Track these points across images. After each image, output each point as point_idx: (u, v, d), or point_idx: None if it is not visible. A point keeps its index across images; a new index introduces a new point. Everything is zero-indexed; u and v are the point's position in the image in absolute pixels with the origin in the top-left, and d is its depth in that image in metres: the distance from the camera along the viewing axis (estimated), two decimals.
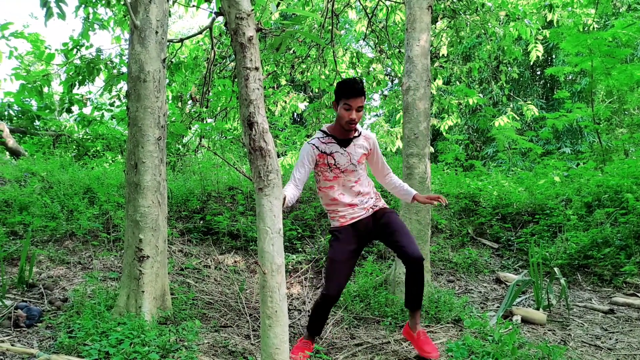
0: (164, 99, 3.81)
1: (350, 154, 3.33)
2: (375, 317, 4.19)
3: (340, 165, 3.32)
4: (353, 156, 3.33)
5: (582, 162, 9.70)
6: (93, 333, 3.12)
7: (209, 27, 5.53)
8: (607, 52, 9.08)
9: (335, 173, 3.34)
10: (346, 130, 3.28)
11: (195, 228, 5.97)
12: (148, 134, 3.67)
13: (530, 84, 16.24)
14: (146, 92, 3.67)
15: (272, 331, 2.30)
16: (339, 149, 3.32)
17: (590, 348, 3.65)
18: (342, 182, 3.35)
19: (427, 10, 4.65)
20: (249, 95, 2.27)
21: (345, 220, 3.35)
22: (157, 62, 3.73)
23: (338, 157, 3.32)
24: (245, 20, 2.26)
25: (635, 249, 5.58)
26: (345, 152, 3.32)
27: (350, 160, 3.33)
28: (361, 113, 3.22)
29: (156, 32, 3.73)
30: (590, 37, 8.79)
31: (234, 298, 4.58)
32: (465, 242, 6.57)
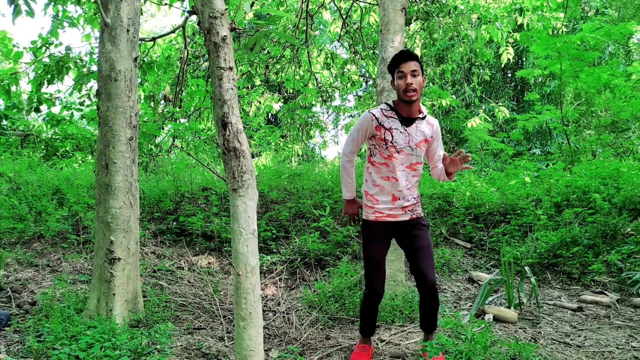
0: (135, 98, 3.76)
1: (410, 135, 3.05)
2: (350, 317, 4.19)
3: (397, 145, 3.04)
4: (413, 138, 3.06)
5: (551, 163, 9.89)
6: (62, 337, 3.05)
7: (182, 26, 5.47)
8: (576, 55, 9.28)
9: (390, 152, 3.05)
10: (406, 101, 2.96)
11: (168, 229, 5.90)
12: (119, 133, 3.62)
13: (502, 86, 16.50)
14: (117, 92, 3.62)
15: (247, 333, 2.28)
16: (399, 126, 3.04)
17: (560, 345, 3.72)
18: (395, 165, 3.07)
19: (400, 12, 4.68)
20: (222, 95, 2.25)
21: (381, 216, 3.14)
22: (128, 61, 3.68)
23: (396, 135, 3.04)
24: (219, 19, 2.24)
25: (603, 247, 5.71)
26: (406, 131, 3.05)
27: (409, 141, 3.05)
28: (420, 79, 2.95)
29: (127, 31, 3.68)
30: (559, 40, 8.97)
31: (207, 300, 4.53)
32: (439, 242, 6.63)
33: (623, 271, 5.29)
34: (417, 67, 2.93)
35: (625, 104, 9.56)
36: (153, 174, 7.87)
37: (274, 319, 4.29)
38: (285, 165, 8.75)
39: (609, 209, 6.14)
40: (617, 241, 5.73)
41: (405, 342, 3.68)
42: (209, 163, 7.70)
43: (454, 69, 11.70)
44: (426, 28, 8.45)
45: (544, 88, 14.69)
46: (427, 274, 3.08)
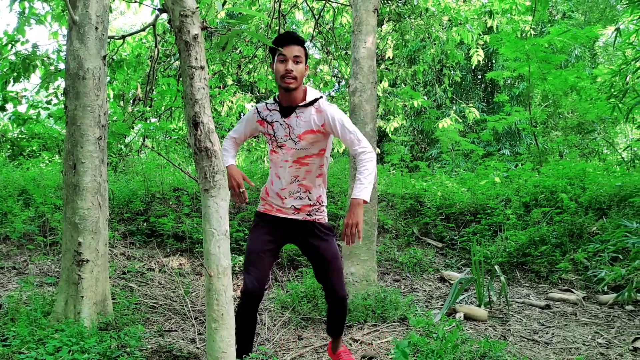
0: (104, 97, 3.69)
1: (290, 127, 2.75)
2: (323, 317, 4.20)
3: (278, 139, 2.79)
4: (293, 129, 2.75)
5: (520, 164, 10.07)
6: (29, 341, 2.98)
7: (153, 24, 5.40)
8: (544, 57, 9.47)
9: (273, 147, 2.83)
10: (284, 88, 2.68)
11: (138, 230, 5.82)
12: (87, 133, 3.55)
13: (472, 87, 16.72)
14: (85, 90, 3.55)
15: (218, 335, 2.26)
16: (279, 119, 2.79)
17: (529, 342, 3.78)
18: (278, 161, 2.83)
19: (373, 13, 4.70)
20: (194, 95, 2.23)
21: (270, 209, 2.89)
22: (97, 59, 3.61)
23: (277, 128, 2.79)
24: (190, 17, 2.21)
25: (570, 246, 5.84)
26: (284, 122, 2.77)
27: (289, 134, 2.76)
28: (302, 67, 2.69)
29: (96, 28, 3.61)
30: (527, 43, 9.15)
31: (179, 301, 4.48)
32: (411, 241, 6.69)
33: (589, 269, 5.41)
34: (300, 53, 2.68)
35: (590, 106, 9.81)
36: (123, 174, 7.75)
37: None
38: (257, 165, 8.71)
39: (576, 209, 6.28)
40: (583, 240, 5.87)
41: (378, 341, 3.70)
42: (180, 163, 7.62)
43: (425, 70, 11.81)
44: (398, 29, 8.51)
45: (513, 90, 14.95)
46: (336, 285, 2.87)
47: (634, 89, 5.71)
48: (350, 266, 4.51)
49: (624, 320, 4.37)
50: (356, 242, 2.67)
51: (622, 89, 5.69)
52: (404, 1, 8.57)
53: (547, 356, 3.48)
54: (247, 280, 2.70)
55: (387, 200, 7.44)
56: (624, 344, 3.70)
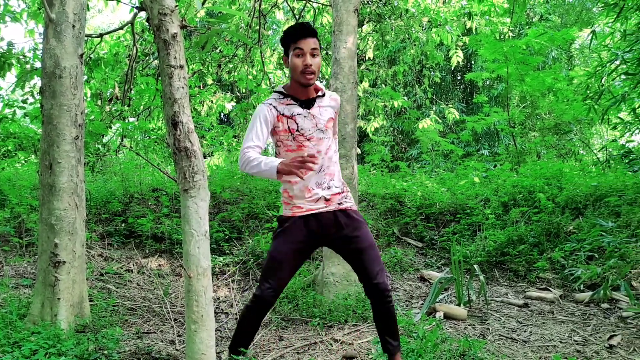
0: (81, 96, 3.64)
1: (315, 117, 2.65)
2: (304, 317, 4.19)
3: (305, 131, 2.62)
4: (319, 119, 2.65)
5: (499, 164, 10.19)
6: (4, 344, 2.92)
7: (131, 22, 5.35)
8: (521, 59, 9.60)
9: (300, 141, 2.62)
10: (304, 84, 2.58)
11: (116, 231, 5.75)
12: (64, 132, 3.50)
13: (452, 88, 16.86)
14: (62, 89, 3.49)
15: (198, 336, 2.25)
16: (301, 111, 2.64)
17: (507, 341, 3.82)
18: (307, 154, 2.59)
19: (353, 13, 4.71)
20: (173, 94, 2.21)
21: (300, 210, 2.64)
22: (74, 58, 3.56)
23: (301, 121, 2.63)
24: (169, 16, 2.19)
25: (547, 245, 5.92)
26: (309, 114, 2.64)
27: (316, 124, 2.64)
28: (318, 60, 2.58)
29: (73, 26, 3.56)
30: (506, 44, 9.26)
31: (157, 303, 4.44)
32: (391, 241, 6.71)
33: (566, 268, 5.49)
34: (317, 46, 2.56)
35: (567, 107, 9.96)
36: (100, 175, 7.65)
37: (227, 321, 4.24)
38: (238, 165, 8.66)
39: (553, 208, 6.38)
40: (560, 239, 5.95)
41: (359, 341, 3.71)
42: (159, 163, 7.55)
43: (405, 71, 11.89)
44: (378, 30, 8.55)
45: (492, 91, 15.11)
46: (379, 276, 2.64)
47: (609, 91, 5.81)
48: (331, 266, 4.51)
49: (600, 318, 4.44)
50: None
51: (598, 90, 5.79)
52: (384, 2, 8.61)
53: (525, 354, 3.52)
54: (263, 287, 2.56)
55: (367, 201, 7.47)
56: (599, 342, 3.76)
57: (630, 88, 5.31)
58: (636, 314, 4.43)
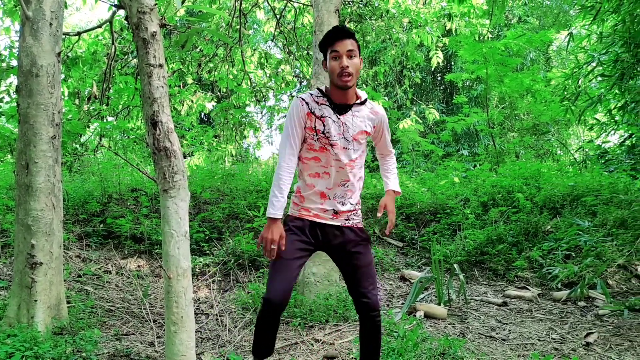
0: (58, 95, 3.59)
1: (345, 125, 2.56)
2: (285, 318, 4.18)
3: (331, 135, 2.54)
4: (348, 129, 2.56)
5: (478, 164, 10.29)
6: None
7: (109, 20, 5.28)
8: (500, 60, 9.71)
9: (322, 143, 2.55)
10: (341, 87, 2.51)
11: (94, 232, 5.67)
12: (41, 132, 3.44)
13: (432, 88, 16.97)
14: (39, 88, 3.44)
15: (178, 337, 2.23)
16: (331, 115, 2.55)
17: (487, 339, 3.86)
18: (327, 159, 2.56)
19: (334, 13, 4.71)
20: (152, 93, 2.19)
21: (307, 214, 2.60)
22: (51, 56, 3.50)
23: (329, 124, 2.54)
24: (148, 14, 2.17)
25: (525, 245, 5.99)
26: (339, 120, 2.55)
27: (343, 132, 2.55)
28: (356, 61, 2.50)
29: (50, 24, 3.50)
30: (485, 46, 9.35)
31: (137, 304, 4.39)
32: (372, 241, 6.73)
33: (544, 267, 5.57)
34: (354, 47, 2.50)
35: (545, 108, 10.09)
36: (78, 175, 7.55)
37: (207, 321, 4.21)
38: (218, 165, 8.61)
39: (531, 208, 6.46)
40: (538, 238, 6.03)
41: (340, 341, 3.71)
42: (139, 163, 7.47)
43: (386, 71, 11.94)
44: (359, 30, 8.57)
45: (472, 91, 15.24)
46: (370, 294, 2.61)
47: (585, 92, 5.91)
48: (312, 266, 4.51)
49: (577, 315, 4.51)
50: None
51: (575, 92, 5.88)
52: (365, 2, 8.64)
53: (504, 352, 3.55)
54: (271, 288, 2.49)
55: None
56: (576, 339, 3.81)
57: (606, 89, 5.40)
58: (612, 311, 4.50)
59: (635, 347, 3.62)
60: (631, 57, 4.98)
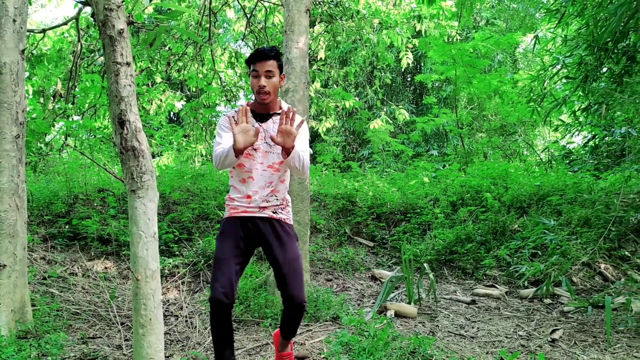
0: (22, 93, 3.50)
1: (266, 131, 2.81)
2: (256, 319, 4.16)
3: None
4: (268, 134, 2.80)
5: (447, 164, 10.41)
6: None
7: (75, 18, 5.18)
8: (469, 62, 9.85)
9: (248, 150, 2.78)
10: (260, 103, 2.80)
11: (60, 233, 5.55)
12: (4, 131, 3.35)
13: (402, 89, 17.10)
14: (2, 86, 3.34)
15: (146, 340, 2.19)
16: (253, 122, 2.82)
17: (456, 337, 3.91)
18: (251, 164, 2.80)
19: (305, 13, 4.71)
20: (119, 92, 2.15)
21: (235, 212, 2.83)
22: (14, 53, 3.41)
23: None
24: (115, 11, 2.13)
25: (493, 243, 6.09)
26: (261, 127, 2.81)
27: (265, 137, 2.80)
28: (274, 80, 2.77)
29: (14, 21, 3.41)
30: (454, 47, 9.47)
31: (104, 307, 4.31)
32: (343, 241, 6.75)
33: (511, 265, 5.67)
34: (273, 68, 2.76)
35: (512, 109, 10.28)
36: (43, 175, 7.37)
37: (176, 323, 4.16)
38: (188, 165, 8.52)
39: (499, 207, 6.57)
40: (506, 237, 6.14)
41: (311, 341, 3.71)
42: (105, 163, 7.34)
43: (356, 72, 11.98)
44: (330, 31, 8.58)
45: (441, 92, 15.41)
46: (296, 290, 2.75)
47: (551, 94, 6.03)
48: None
49: (543, 313, 4.60)
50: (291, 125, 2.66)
51: (541, 93, 6.00)
52: (336, 3, 8.66)
53: (473, 349, 3.60)
54: (213, 287, 2.63)
55: (319, 201, 7.49)
56: (542, 336, 3.89)
57: (570, 91, 5.52)
58: (576, 308, 4.61)
59: (598, 342, 3.72)
60: (594, 60, 5.11)
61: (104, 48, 2.18)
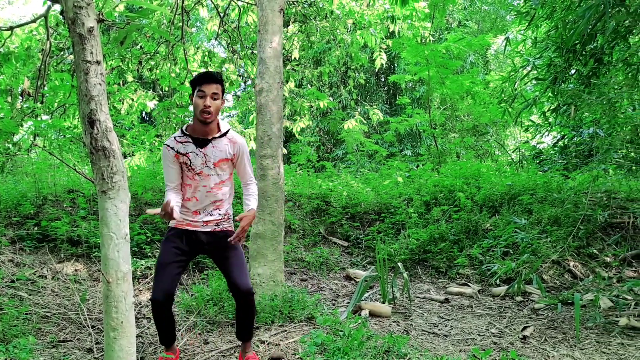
0: None
1: (207, 156, 3.05)
2: (230, 320, 4.13)
3: (195, 167, 3.05)
4: (209, 158, 3.06)
5: (421, 164, 10.50)
6: None
7: (44, 15, 5.07)
8: (442, 63, 9.95)
9: (191, 174, 3.07)
10: (202, 121, 2.99)
11: (28, 235, 5.42)
12: None
13: (376, 89, 17.18)
14: None
15: (117, 344, 2.15)
16: (194, 149, 3.05)
17: (430, 335, 3.95)
18: (196, 186, 3.08)
19: (279, 13, 4.69)
20: (89, 91, 2.11)
21: (180, 223, 3.12)
22: None
23: (193, 158, 3.04)
24: (85, 9, 2.09)
25: (466, 242, 6.16)
26: (201, 152, 3.04)
27: (206, 162, 3.05)
28: (218, 102, 2.98)
29: None
30: (427, 48, 9.56)
31: (74, 310, 4.23)
32: (317, 241, 6.75)
33: (483, 264, 5.74)
34: (218, 91, 2.97)
35: (484, 110, 10.42)
36: (11, 175, 7.20)
37: (149, 326, 4.10)
38: (160, 165, 8.42)
39: (472, 207, 6.65)
40: (479, 236, 6.22)
41: (285, 341, 3.70)
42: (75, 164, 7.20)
43: (330, 72, 11.99)
44: (304, 30, 8.57)
45: (414, 93, 15.54)
46: (239, 278, 3.05)
47: (521, 95, 6.13)
48: (258, 267, 4.47)
49: (514, 310, 4.68)
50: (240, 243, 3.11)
51: (512, 94, 6.09)
52: (310, 3, 8.65)
53: (446, 347, 3.64)
54: (155, 289, 2.95)
55: (294, 201, 7.47)
56: (514, 333, 3.95)
57: (540, 92, 5.62)
58: (547, 305, 4.70)
59: (568, 338, 3.79)
60: (563, 62, 5.21)
61: (73, 46, 2.14)
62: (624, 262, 5.48)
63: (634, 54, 4.71)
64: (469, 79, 10.44)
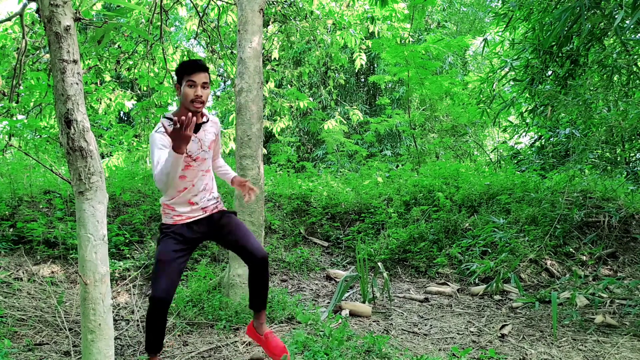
0: None
1: (201, 140, 3.03)
2: (209, 321, 4.11)
3: (192, 153, 2.99)
4: (204, 142, 3.04)
5: (401, 164, 10.56)
6: None
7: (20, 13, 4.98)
8: (421, 64, 10.02)
9: (187, 162, 2.98)
10: (193, 111, 2.90)
11: (3, 237, 5.33)
12: None
13: (356, 90, 17.23)
14: None
15: (95, 346, 2.13)
16: None
17: (409, 335, 3.97)
18: (192, 173, 3.02)
19: (258, 13, 4.68)
20: (66, 91, 2.08)
21: (180, 219, 3.04)
22: None
23: (190, 145, 2.97)
24: (61, 7, 2.06)
25: (446, 242, 6.21)
26: (196, 138, 3.00)
27: (201, 146, 3.02)
28: (208, 91, 2.94)
29: None
30: (406, 49, 9.62)
31: (51, 312, 4.16)
32: (298, 241, 6.75)
33: (462, 263, 5.80)
34: (207, 80, 2.94)
35: (462, 111, 10.52)
36: None
37: (127, 328, 4.06)
38: (139, 166, 8.33)
39: (450, 207, 6.71)
40: (458, 236, 6.27)
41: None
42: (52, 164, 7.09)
43: (310, 72, 12.00)
44: (284, 31, 8.57)
45: (394, 93, 15.61)
46: (253, 244, 3.06)
47: (499, 96, 6.20)
48: (237, 268, 4.45)
49: (493, 309, 4.73)
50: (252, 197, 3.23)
51: (490, 95, 6.16)
52: (290, 3, 8.64)
53: (426, 347, 3.67)
54: (156, 287, 2.87)
55: (274, 201, 7.46)
56: (492, 331, 4.00)
57: (518, 93, 5.69)
58: (524, 304, 4.76)
59: (545, 336, 3.85)
60: (540, 63, 5.29)
61: (49, 45, 2.11)
62: (600, 260, 5.58)
63: (608, 55, 4.79)
64: (448, 80, 10.53)
